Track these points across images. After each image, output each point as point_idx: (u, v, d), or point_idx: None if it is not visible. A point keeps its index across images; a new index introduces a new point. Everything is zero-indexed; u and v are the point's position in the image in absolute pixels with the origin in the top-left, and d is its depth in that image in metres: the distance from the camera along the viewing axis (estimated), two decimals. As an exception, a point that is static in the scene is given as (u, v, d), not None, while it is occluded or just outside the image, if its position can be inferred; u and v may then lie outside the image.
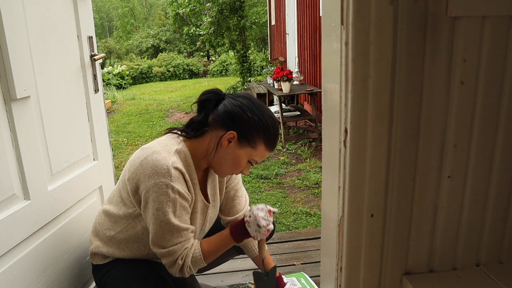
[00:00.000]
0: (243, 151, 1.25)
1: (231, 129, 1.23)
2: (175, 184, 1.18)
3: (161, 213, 1.18)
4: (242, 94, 1.31)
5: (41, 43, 1.33)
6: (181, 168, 1.21)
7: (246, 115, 1.23)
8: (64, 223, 1.47)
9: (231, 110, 1.24)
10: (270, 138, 1.26)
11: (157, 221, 1.19)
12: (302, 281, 1.69)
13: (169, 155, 1.21)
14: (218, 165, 1.30)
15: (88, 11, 1.61)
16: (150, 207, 1.19)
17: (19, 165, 1.22)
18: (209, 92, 1.29)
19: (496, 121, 0.79)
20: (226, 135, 1.23)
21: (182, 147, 1.26)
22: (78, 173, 1.54)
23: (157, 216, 1.18)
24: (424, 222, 0.84)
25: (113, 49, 21.97)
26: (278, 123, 1.31)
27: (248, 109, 1.24)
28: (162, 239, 1.20)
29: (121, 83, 13.91)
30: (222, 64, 16.79)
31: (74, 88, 1.54)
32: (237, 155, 1.25)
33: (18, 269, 1.22)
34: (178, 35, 21.26)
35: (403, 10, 0.71)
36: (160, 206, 1.17)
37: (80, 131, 1.58)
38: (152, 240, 1.22)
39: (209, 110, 1.27)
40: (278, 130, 1.30)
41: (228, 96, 1.29)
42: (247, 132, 1.23)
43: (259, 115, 1.24)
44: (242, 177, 4.16)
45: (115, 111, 8.88)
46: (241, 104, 1.24)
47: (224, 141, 1.24)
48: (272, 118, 1.28)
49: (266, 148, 1.27)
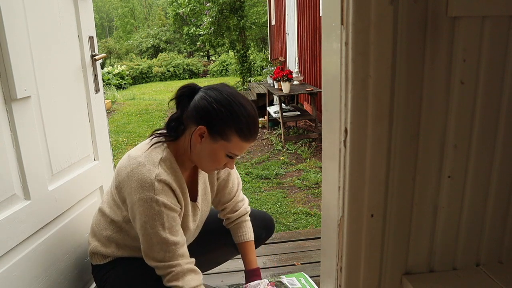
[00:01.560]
0: (217, 145, 1.21)
1: (200, 124, 1.20)
2: (159, 197, 1.18)
3: (149, 225, 1.18)
4: (213, 86, 1.26)
5: (41, 43, 1.33)
6: (165, 179, 1.20)
7: (212, 108, 1.18)
8: (65, 223, 1.46)
9: (198, 104, 1.21)
10: (243, 128, 1.19)
11: (146, 234, 1.19)
12: (302, 281, 1.69)
13: (153, 167, 1.20)
14: (198, 162, 1.27)
15: (89, 11, 1.61)
16: (138, 219, 1.20)
17: (20, 165, 1.22)
18: (184, 87, 1.27)
19: (496, 121, 0.79)
20: (196, 130, 1.20)
21: (166, 155, 1.24)
22: (78, 173, 1.54)
23: (146, 228, 1.19)
24: (424, 222, 0.84)
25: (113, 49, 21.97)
26: (253, 111, 1.23)
27: (214, 101, 1.19)
28: (152, 251, 1.20)
29: (121, 83, 13.91)
30: (222, 64, 16.78)
31: (75, 88, 1.54)
32: (212, 150, 1.22)
33: (18, 269, 1.22)
34: (178, 35, 21.26)
35: (403, 10, 0.71)
36: (148, 219, 1.18)
37: (80, 131, 1.58)
38: (144, 252, 1.22)
39: (184, 106, 1.24)
40: (253, 117, 1.22)
41: (201, 89, 1.25)
42: (216, 125, 1.19)
43: (226, 105, 1.18)
44: (242, 177, 4.18)
45: (115, 111, 8.88)
46: (208, 97, 1.20)
47: (196, 137, 1.21)
48: (244, 106, 1.20)
49: (241, 139, 1.21)
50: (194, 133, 1.21)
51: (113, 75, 13.67)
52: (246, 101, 1.23)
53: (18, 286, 1.22)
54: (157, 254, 1.20)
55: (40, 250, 1.32)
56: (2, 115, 1.16)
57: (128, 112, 8.66)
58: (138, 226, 1.20)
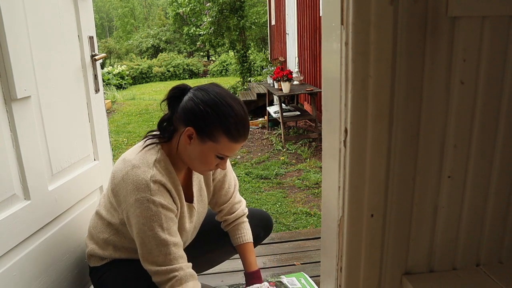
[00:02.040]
0: (206, 146, 1.19)
1: (188, 125, 1.19)
2: (155, 198, 1.17)
3: (147, 227, 1.16)
4: (203, 86, 1.24)
5: (41, 42, 1.33)
6: (161, 180, 1.19)
7: (198, 109, 1.17)
8: (65, 223, 1.46)
9: (186, 105, 1.20)
10: (231, 128, 1.17)
11: (144, 237, 1.17)
12: (302, 281, 1.69)
13: (148, 168, 1.19)
14: (190, 164, 1.27)
15: (89, 11, 1.61)
16: (135, 222, 1.18)
17: (20, 165, 1.22)
18: (175, 88, 1.26)
19: (496, 121, 0.79)
20: (184, 132, 1.19)
21: (161, 156, 1.24)
22: (78, 173, 1.54)
23: (144, 231, 1.17)
24: (424, 222, 0.84)
25: (113, 49, 21.96)
26: (241, 111, 1.20)
27: (201, 102, 1.18)
28: (152, 255, 1.18)
29: (121, 83, 13.91)
30: (222, 64, 16.78)
31: (75, 88, 1.54)
32: (202, 152, 1.21)
33: (18, 269, 1.22)
34: (178, 35, 21.25)
35: (403, 10, 0.71)
36: (145, 221, 1.16)
37: (80, 131, 1.58)
38: (141, 256, 1.20)
39: (174, 107, 1.24)
40: (242, 117, 1.20)
41: (191, 90, 1.24)
42: (204, 126, 1.18)
43: (213, 106, 1.17)
44: (242, 177, 4.18)
45: (115, 111, 8.88)
46: (195, 98, 1.19)
47: (185, 138, 1.20)
48: (231, 106, 1.18)
49: (230, 140, 1.19)
50: (183, 134, 1.20)
51: (113, 75, 13.67)
52: (234, 101, 1.21)
53: (18, 286, 1.22)
54: (157, 257, 1.18)
55: (40, 250, 1.32)
56: (2, 115, 1.16)
57: (128, 112, 8.67)
58: (136, 230, 1.18)
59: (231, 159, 4.78)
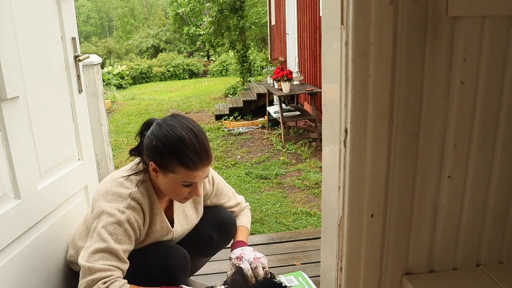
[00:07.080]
0: (169, 178, 1.24)
1: (151, 160, 1.25)
2: (127, 211, 1.23)
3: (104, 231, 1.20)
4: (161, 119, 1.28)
5: (27, 43, 1.34)
6: (139, 199, 1.27)
7: (152, 145, 1.23)
8: (53, 222, 1.48)
9: (145, 141, 1.27)
10: (184, 159, 1.19)
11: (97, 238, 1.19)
12: (300, 279, 1.69)
13: (131, 185, 1.28)
14: (165, 194, 1.33)
15: (71, 12, 1.62)
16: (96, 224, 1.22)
17: (10, 164, 1.23)
18: (144, 123, 1.33)
19: (496, 121, 0.79)
20: (149, 166, 1.27)
21: (146, 179, 1.32)
22: (64, 173, 1.55)
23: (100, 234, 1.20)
24: (424, 222, 0.84)
25: (113, 49, 21.97)
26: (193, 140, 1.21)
27: (154, 138, 1.23)
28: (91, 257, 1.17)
29: (121, 83, 13.90)
30: (222, 64, 16.77)
31: (59, 89, 1.55)
32: (168, 183, 1.26)
33: (10, 268, 1.22)
34: (178, 35, 21.24)
35: (403, 10, 0.71)
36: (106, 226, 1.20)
37: (65, 131, 1.59)
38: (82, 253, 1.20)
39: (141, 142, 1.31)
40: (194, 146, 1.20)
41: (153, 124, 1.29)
42: (160, 160, 1.23)
43: (163, 140, 1.20)
44: (242, 177, 4.18)
45: (115, 111, 8.88)
46: (150, 134, 1.25)
47: (152, 172, 1.28)
48: (182, 138, 1.19)
49: (187, 169, 1.20)
50: (150, 169, 1.28)
51: (113, 75, 13.66)
52: (186, 131, 1.21)
53: (9, 285, 1.22)
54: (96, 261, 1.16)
55: (30, 249, 1.33)
56: (-7, 115, 1.17)
57: (128, 112, 8.66)
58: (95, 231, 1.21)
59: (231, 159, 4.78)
